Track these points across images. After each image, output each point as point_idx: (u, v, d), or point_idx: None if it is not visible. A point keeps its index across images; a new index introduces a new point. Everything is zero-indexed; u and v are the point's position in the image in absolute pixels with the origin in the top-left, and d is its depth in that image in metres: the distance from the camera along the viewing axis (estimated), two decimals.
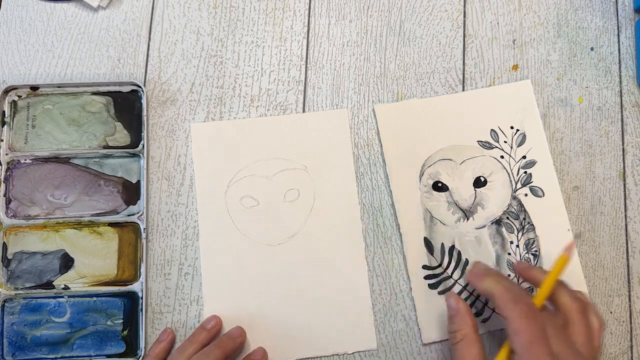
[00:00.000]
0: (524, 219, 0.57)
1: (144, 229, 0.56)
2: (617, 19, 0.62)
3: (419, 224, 0.57)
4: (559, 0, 0.62)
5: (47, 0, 0.61)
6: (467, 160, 0.58)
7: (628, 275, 0.57)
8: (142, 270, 0.56)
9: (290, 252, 0.56)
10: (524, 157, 0.58)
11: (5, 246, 0.56)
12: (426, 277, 0.56)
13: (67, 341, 0.55)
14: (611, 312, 0.56)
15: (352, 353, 0.55)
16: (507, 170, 0.58)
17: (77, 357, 0.55)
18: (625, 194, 0.59)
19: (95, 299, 0.56)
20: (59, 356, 0.55)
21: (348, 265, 0.56)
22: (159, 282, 0.56)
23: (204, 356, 0.51)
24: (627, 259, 0.57)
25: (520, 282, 0.56)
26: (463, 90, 0.60)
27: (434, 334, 0.55)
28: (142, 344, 0.54)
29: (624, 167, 0.59)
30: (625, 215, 0.58)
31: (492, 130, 0.59)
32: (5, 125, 0.58)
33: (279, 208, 0.57)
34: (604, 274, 0.57)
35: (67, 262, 0.56)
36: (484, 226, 0.57)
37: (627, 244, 0.58)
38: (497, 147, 0.58)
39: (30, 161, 0.58)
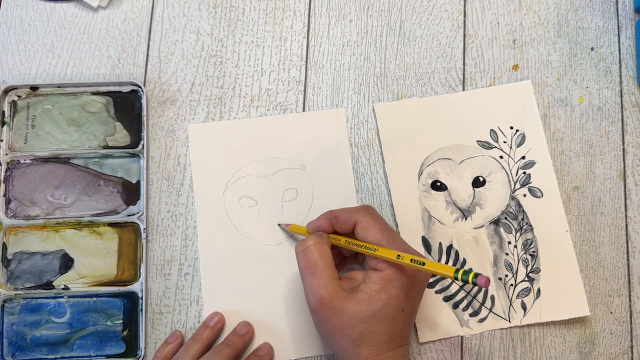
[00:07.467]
0: (522, 219, 0.57)
1: (144, 229, 0.56)
2: (618, 19, 0.62)
3: (417, 223, 0.57)
4: (559, 0, 0.62)
5: (47, 0, 0.61)
6: (466, 160, 0.58)
7: (628, 275, 0.57)
8: (142, 270, 0.56)
9: (289, 251, 0.56)
10: (523, 157, 0.58)
11: (5, 246, 0.56)
12: None
13: (67, 341, 0.55)
14: (611, 312, 0.56)
15: None
16: (506, 171, 0.58)
17: (77, 357, 0.55)
18: (625, 194, 0.58)
19: (95, 299, 0.56)
20: (58, 356, 0.55)
21: None
22: (158, 282, 0.56)
23: (216, 355, 0.51)
24: (627, 259, 0.57)
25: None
26: (463, 90, 0.60)
27: (430, 332, 0.55)
28: (142, 345, 0.54)
29: (624, 167, 0.59)
30: (626, 216, 0.58)
31: (491, 130, 0.59)
32: (5, 125, 0.58)
33: (277, 208, 0.57)
34: (604, 274, 0.57)
35: (67, 263, 0.56)
36: (482, 226, 0.57)
37: (627, 244, 0.57)
38: (496, 147, 0.58)
39: (30, 161, 0.58)
